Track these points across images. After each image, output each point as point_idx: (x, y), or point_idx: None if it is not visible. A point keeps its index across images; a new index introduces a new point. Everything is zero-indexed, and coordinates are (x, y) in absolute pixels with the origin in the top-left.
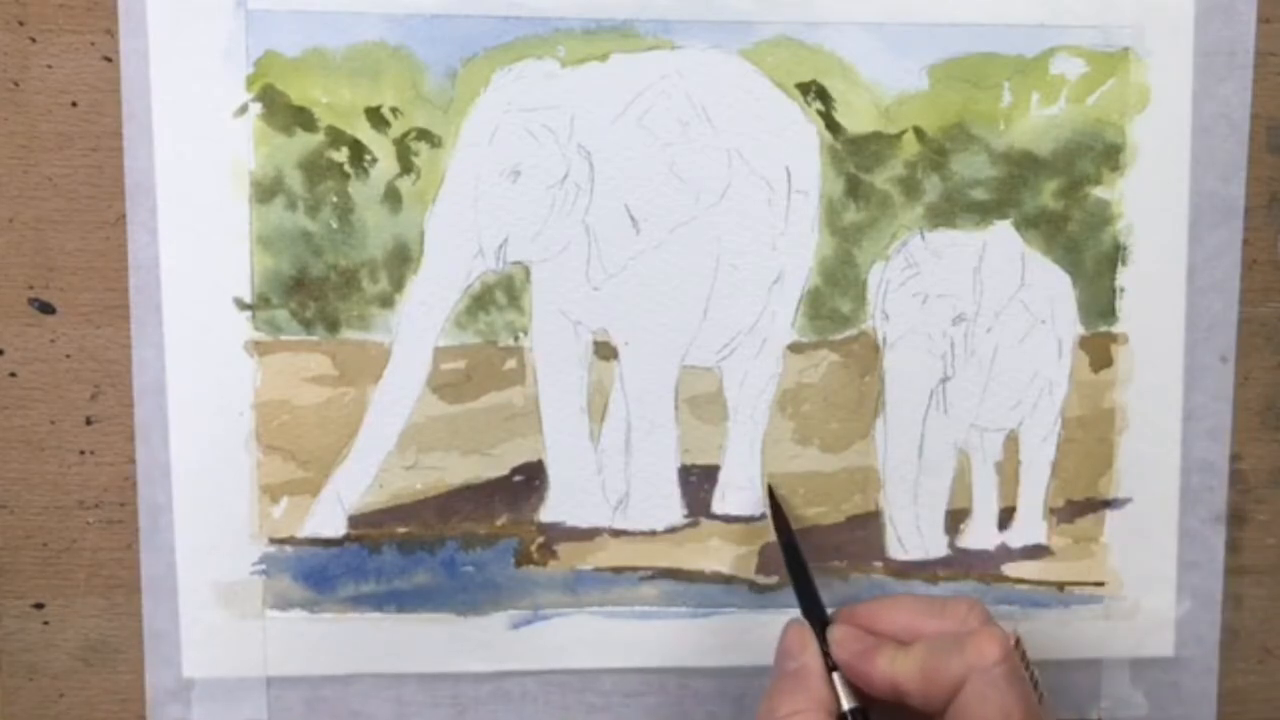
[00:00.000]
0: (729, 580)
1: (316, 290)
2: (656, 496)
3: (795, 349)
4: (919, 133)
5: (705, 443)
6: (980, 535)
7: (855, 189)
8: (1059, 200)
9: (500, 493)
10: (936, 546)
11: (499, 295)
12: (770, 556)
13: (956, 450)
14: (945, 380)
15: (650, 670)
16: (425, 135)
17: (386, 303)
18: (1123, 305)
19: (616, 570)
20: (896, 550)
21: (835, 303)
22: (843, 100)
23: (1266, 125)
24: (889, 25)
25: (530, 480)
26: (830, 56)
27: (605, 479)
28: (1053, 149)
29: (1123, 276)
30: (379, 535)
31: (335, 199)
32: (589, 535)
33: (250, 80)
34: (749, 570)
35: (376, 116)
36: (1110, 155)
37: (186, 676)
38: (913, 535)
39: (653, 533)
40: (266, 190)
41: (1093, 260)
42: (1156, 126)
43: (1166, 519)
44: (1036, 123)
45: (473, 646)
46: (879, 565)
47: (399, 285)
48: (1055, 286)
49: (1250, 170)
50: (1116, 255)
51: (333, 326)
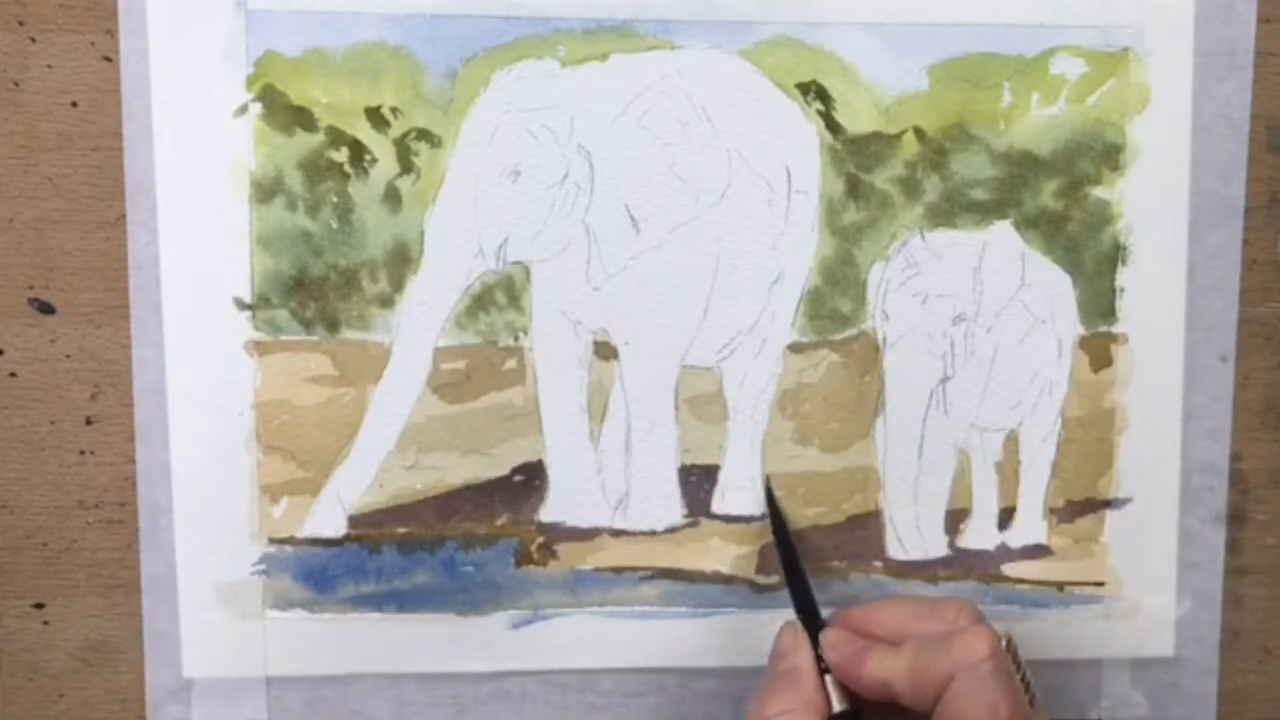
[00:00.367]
0: (729, 580)
1: (316, 290)
2: (656, 496)
3: (795, 349)
4: (919, 133)
5: (705, 443)
6: (980, 535)
7: (855, 189)
8: (1059, 200)
9: (500, 493)
10: (936, 546)
11: (499, 295)
12: (770, 556)
13: (956, 450)
14: (945, 380)
15: (650, 670)
16: (425, 135)
17: (386, 303)
18: (1123, 305)
19: (616, 570)
20: (896, 550)
21: (835, 303)
22: (843, 100)
23: (1266, 125)
24: (889, 25)
25: (530, 480)
26: (830, 56)
27: (605, 479)
28: (1053, 149)
29: (1123, 276)
30: (379, 535)
31: (335, 199)
32: (589, 535)
33: (250, 80)
34: (749, 570)
35: (376, 116)
36: (1110, 155)
37: (186, 676)
38: (913, 535)
39: (653, 533)
40: (266, 190)
41: (1093, 260)
42: (1156, 126)
43: (1166, 519)
44: (1036, 123)
45: (473, 646)
46: (879, 565)
47: (399, 285)
48: (1055, 286)
49: (1250, 170)
50: (1116, 255)
51: (333, 326)
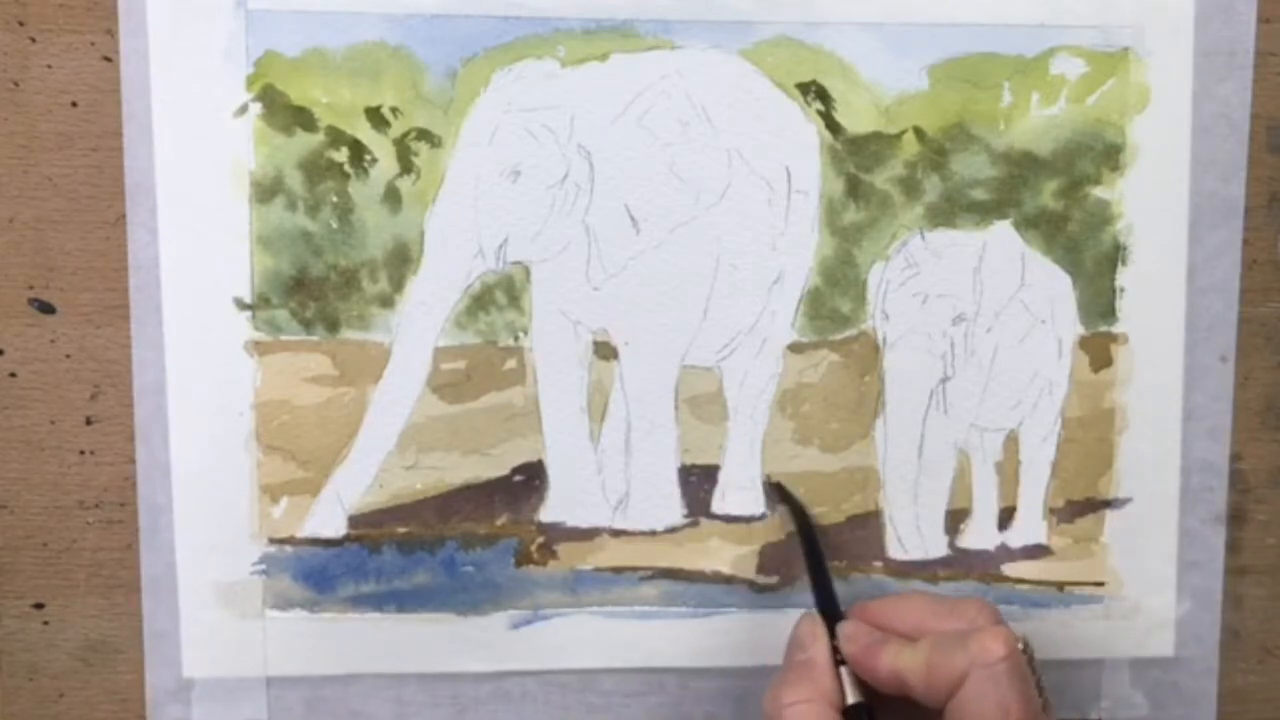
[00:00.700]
0: (729, 580)
1: (316, 290)
2: (656, 496)
3: (795, 349)
4: (919, 133)
5: (705, 443)
6: (980, 535)
7: (855, 189)
8: (1059, 200)
9: (500, 493)
10: (936, 546)
11: (499, 295)
12: (770, 556)
13: (956, 450)
14: (945, 380)
15: (650, 670)
16: (425, 135)
17: (386, 303)
18: (1123, 305)
19: (616, 570)
20: (896, 550)
21: (835, 303)
22: (843, 100)
23: (1266, 125)
24: (889, 25)
25: (530, 480)
26: (830, 56)
27: (605, 479)
28: (1053, 149)
29: (1123, 276)
30: (379, 535)
31: (335, 199)
32: (589, 535)
33: (250, 80)
34: (749, 570)
35: (376, 116)
36: (1110, 155)
37: (186, 676)
38: (913, 535)
39: (653, 533)
40: (266, 190)
41: (1093, 260)
42: (1156, 126)
43: (1166, 519)
44: (1036, 123)
45: (473, 646)
46: (879, 565)
47: (399, 285)
48: (1055, 286)
49: (1250, 170)
50: (1116, 255)
51: (333, 326)
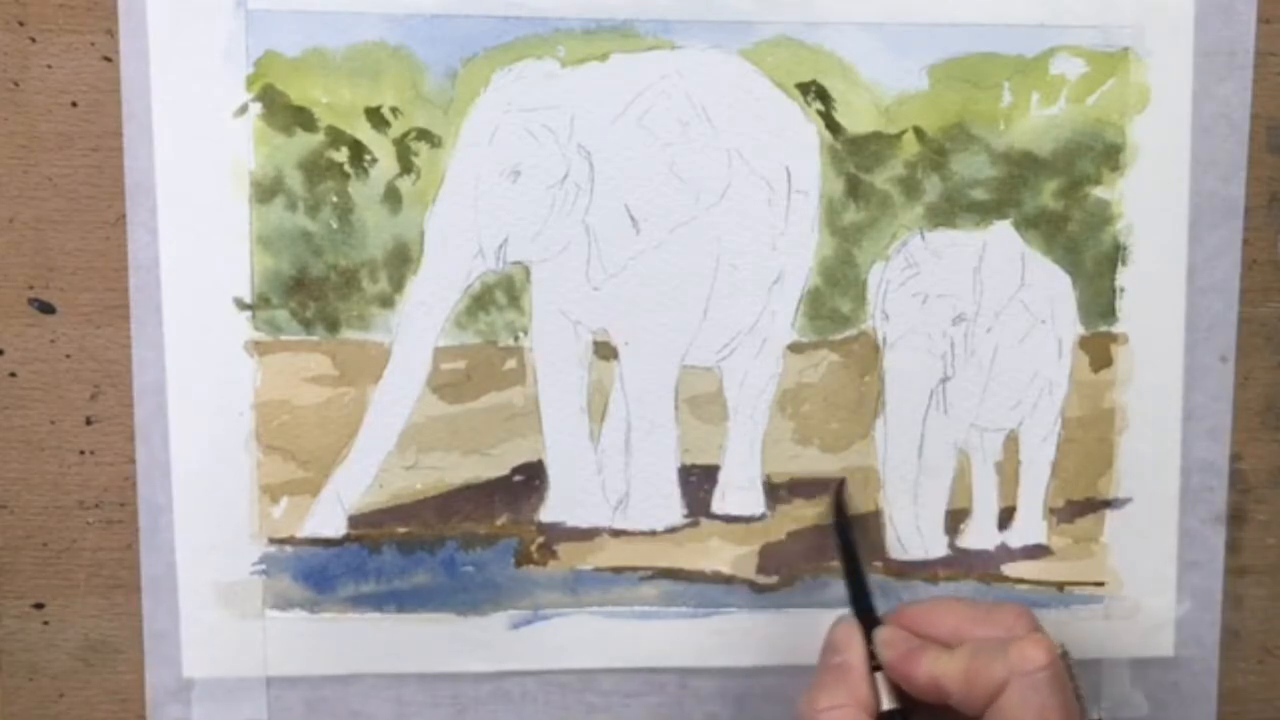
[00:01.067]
0: (729, 580)
1: (316, 290)
2: (656, 496)
3: (795, 349)
4: (919, 133)
5: (705, 443)
6: (980, 535)
7: (855, 189)
8: (1059, 200)
9: (500, 493)
10: (936, 546)
11: (499, 295)
12: (770, 556)
13: (956, 450)
14: (945, 380)
15: (650, 670)
16: (425, 135)
17: (386, 303)
18: (1123, 305)
19: (616, 570)
20: (896, 550)
21: (835, 303)
22: (843, 100)
23: (1266, 125)
24: (889, 25)
25: (530, 480)
26: (830, 56)
27: (605, 479)
28: (1053, 149)
29: (1123, 276)
30: (379, 535)
31: (335, 199)
32: (589, 535)
33: (250, 80)
34: (749, 570)
35: (376, 116)
36: (1110, 155)
37: (186, 676)
38: (913, 535)
39: (653, 533)
40: (266, 190)
41: (1093, 260)
42: (1156, 126)
43: (1166, 519)
44: (1036, 123)
45: (473, 646)
46: (879, 565)
47: (399, 285)
48: (1055, 286)
49: (1250, 170)
50: (1116, 255)
51: (333, 326)
